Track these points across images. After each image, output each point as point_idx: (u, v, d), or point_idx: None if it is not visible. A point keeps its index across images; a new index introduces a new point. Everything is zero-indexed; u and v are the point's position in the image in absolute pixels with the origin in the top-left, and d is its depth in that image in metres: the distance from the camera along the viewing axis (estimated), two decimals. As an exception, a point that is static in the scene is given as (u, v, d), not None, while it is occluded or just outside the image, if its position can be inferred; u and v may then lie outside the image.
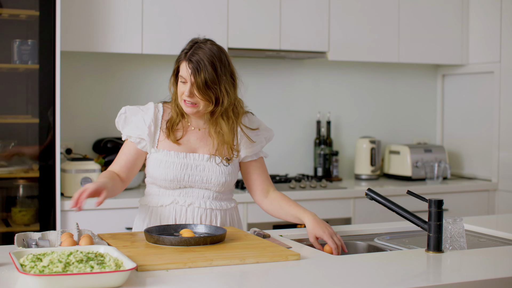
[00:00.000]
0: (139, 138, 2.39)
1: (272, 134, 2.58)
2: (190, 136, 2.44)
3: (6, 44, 3.48)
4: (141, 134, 2.39)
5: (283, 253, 2.01)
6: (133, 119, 2.41)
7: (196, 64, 2.29)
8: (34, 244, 2.06)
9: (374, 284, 1.80)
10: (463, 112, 4.73)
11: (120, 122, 2.43)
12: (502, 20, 4.36)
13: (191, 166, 2.39)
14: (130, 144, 2.42)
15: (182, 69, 2.32)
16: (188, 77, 2.30)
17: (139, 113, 2.42)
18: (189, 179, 2.39)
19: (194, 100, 2.32)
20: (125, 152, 2.42)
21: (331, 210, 3.96)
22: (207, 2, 3.90)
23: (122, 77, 4.07)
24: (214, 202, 2.44)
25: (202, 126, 2.45)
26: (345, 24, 4.25)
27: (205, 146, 2.43)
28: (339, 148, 4.65)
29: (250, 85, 4.39)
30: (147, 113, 2.42)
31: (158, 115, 2.43)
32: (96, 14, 3.67)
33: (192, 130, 2.44)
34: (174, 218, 2.41)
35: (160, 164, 2.38)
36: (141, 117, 2.41)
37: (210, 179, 2.40)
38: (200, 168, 2.40)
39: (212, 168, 2.41)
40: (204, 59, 2.30)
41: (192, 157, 2.40)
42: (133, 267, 1.70)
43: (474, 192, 4.38)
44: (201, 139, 2.44)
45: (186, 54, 2.33)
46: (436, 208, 2.11)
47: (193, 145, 2.43)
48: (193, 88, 2.30)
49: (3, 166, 3.48)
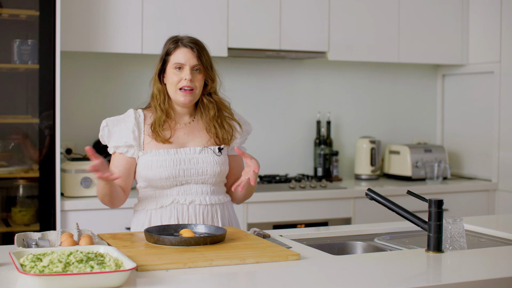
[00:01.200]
0: (126, 146, 2.41)
1: (251, 128, 2.64)
2: (178, 133, 2.46)
3: (6, 44, 3.48)
4: (128, 141, 2.40)
5: (283, 253, 2.01)
6: (116, 129, 2.44)
7: (198, 46, 2.43)
8: (34, 244, 2.06)
9: (374, 284, 1.80)
10: (463, 112, 4.73)
11: (104, 135, 2.45)
12: (502, 20, 4.36)
13: (184, 160, 2.40)
14: (119, 156, 2.43)
15: (178, 56, 2.41)
16: (188, 60, 2.39)
17: (121, 123, 2.44)
18: (184, 174, 2.39)
19: (193, 85, 2.40)
20: (116, 165, 2.43)
21: (331, 210, 3.96)
22: (207, 2, 3.90)
23: (122, 77, 4.07)
24: (213, 197, 2.45)
25: (187, 120, 2.48)
26: (345, 24, 4.25)
27: (194, 140, 2.46)
28: (339, 148, 4.65)
29: (250, 85, 4.41)
30: (128, 120, 2.44)
31: (140, 120, 2.45)
32: (96, 14, 3.67)
33: (179, 127, 2.47)
34: (176, 218, 2.41)
35: (152, 165, 2.39)
36: (123, 125, 2.43)
37: (205, 170, 2.42)
38: (194, 161, 2.41)
39: (206, 159, 2.43)
40: (198, 42, 2.46)
41: (184, 152, 2.42)
42: (133, 267, 1.70)
43: (474, 192, 4.38)
44: (189, 134, 2.47)
45: (178, 43, 2.43)
46: (436, 208, 2.11)
47: (182, 140, 2.45)
48: (193, 70, 2.40)
49: (3, 166, 3.48)
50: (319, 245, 2.34)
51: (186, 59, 2.40)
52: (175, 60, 2.41)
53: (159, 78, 2.48)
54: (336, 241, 2.48)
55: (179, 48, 2.42)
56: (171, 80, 2.42)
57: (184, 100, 2.41)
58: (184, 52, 2.41)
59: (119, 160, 2.43)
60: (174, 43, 2.44)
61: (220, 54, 3.89)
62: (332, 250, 2.37)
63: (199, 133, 2.48)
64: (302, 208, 3.89)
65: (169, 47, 2.44)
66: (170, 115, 2.47)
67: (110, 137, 2.43)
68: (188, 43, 2.43)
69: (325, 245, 2.41)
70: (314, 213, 3.92)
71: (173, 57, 2.42)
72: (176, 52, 2.42)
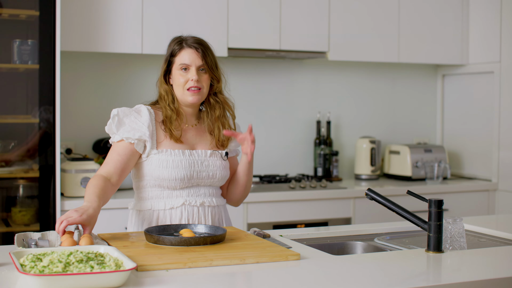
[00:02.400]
0: (138, 139, 2.35)
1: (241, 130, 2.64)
2: (187, 134, 2.45)
3: (6, 44, 3.48)
4: (142, 136, 2.35)
5: (283, 253, 2.01)
6: (127, 120, 2.39)
7: (203, 46, 2.42)
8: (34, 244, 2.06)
9: (374, 284, 1.80)
10: (463, 112, 4.73)
11: (114, 123, 2.38)
12: (502, 20, 4.36)
13: (197, 162, 2.40)
14: (125, 145, 2.36)
15: (183, 57, 2.40)
16: (194, 61, 2.39)
17: (132, 114, 2.40)
18: (197, 176, 2.40)
19: (199, 85, 2.39)
20: (120, 153, 2.35)
21: (331, 210, 3.96)
22: (207, 2, 3.90)
23: (122, 77, 4.07)
24: (218, 199, 2.48)
25: (194, 122, 2.49)
26: (345, 24, 4.25)
27: (202, 142, 2.47)
28: (339, 148, 4.65)
29: (250, 85, 4.40)
30: (142, 115, 2.40)
31: (152, 117, 2.42)
32: (96, 14, 3.67)
33: (187, 128, 2.46)
34: (187, 219, 2.40)
35: (167, 164, 2.36)
36: (134, 118, 2.39)
37: (215, 174, 2.43)
38: (206, 163, 2.42)
39: (215, 163, 2.44)
40: (203, 42, 2.45)
41: (197, 154, 2.42)
42: (133, 267, 1.70)
43: (474, 192, 4.38)
44: (196, 135, 2.47)
45: (182, 44, 2.42)
46: (436, 208, 2.11)
47: (192, 142, 2.45)
48: (199, 70, 2.40)
49: (3, 166, 3.48)
50: (319, 245, 2.34)
51: (192, 59, 2.40)
52: (180, 61, 2.40)
53: (165, 79, 2.47)
54: (336, 241, 2.48)
55: (184, 49, 2.41)
56: (177, 81, 2.41)
57: (193, 99, 2.40)
58: (189, 53, 2.40)
59: (124, 149, 2.35)
60: (178, 44, 2.43)
61: (220, 54, 3.89)
62: (332, 250, 2.37)
63: (205, 135, 2.48)
64: (302, 208, 3.89)
65: (173, 48, 2.44)
66: (180, 114, 2.45)
67: (120, 126, 2.37)
68: (192, 43, 2.42)
69: (325, 245, 2.41)
70: (314, 213, 3.92)
71: (178, 58, 2.42)
72: (181, 53, 2.41)
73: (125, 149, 2.36)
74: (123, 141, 2.37)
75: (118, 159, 2.34)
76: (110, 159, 2.36)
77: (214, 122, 2.48)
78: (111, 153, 2.37)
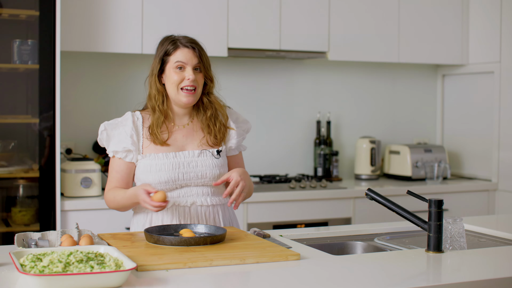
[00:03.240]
0: (124, 151, 2.40)
1: (250, 126, 2.64)
2: (176, 136, 2.45)
3: (6, 44, 3.48)
4: (126, 146, 2.40)
5: (283, 253, 2.01)
6: (114, 133, 2.43)
7: (198, 46, 2.44)
8: (33, 244, 2.06)
9: (374, 284, 1.80)
10: (463, 112, 4.73)
11: (103, 139, 2.44)
12: (502, 20, 4.36)
13: (183, 164, 2.40)
14: (118, 161, 2.43)
15: (179, 56, 2.40)
16: (190, 60, 2.40)
17: (119, 126, 2.44)
18: (184, 178, 2.39)
19: (195, 84, 2.40)
20: (117, 170, 2.43)
21: (331, 210, 3.96)
22: (207, 2, 3.90)
23: (122, 77, 4.07)
24: (213, 198, 2.45)
25: (185, 122, 2.48)
26: (345, 24, 4.25)
27: (192, 142, 2.46)
28: (339, 148, 4.65)
29: (251, 85, 4.40)
30: (126, 124, 2.43)
31: (138, 123, 2.44)
32: (96, 14, 3.67)
33: (177, 129, 2.46)
34: (178, 220, 2.40)
35: (151, 169, 2.38)
36: (121, 129, 2.43)
37: (205, 173, 2.41)
38: (193, 164, 2.41)
39: (205, 162, 2.43)
40: (197, 42, 2.47)
41: (183, 155, 2.41)
42: (133, 267, 1.70)
43: (474, 192, 4.38)
44: (187, 136, 2.46)
45: (177, 43, 2.43)
46: (436, 208, 2.11)
47: (181, 143, 2.45)
48: (194, 70, 2.41)
49: (3, 166, 3.48)
50: (319, 245, 2.34)
51: (188, 58, 2.40)
52: (176, 59, 2.41)
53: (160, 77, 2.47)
54: (336, 241, 2.48)
55: (179, 48, 2.42)
56: (172, 79, 2.41)
57: (187, 100, 2.41)
58: (185, 52, 2.41)
59: (119, 164, 2.43)
60: (172, 43, 2.44)
61: (220, 54, 3.89)
62: (332, 250, 2.37)
63: (197, 135, 2.48)
64: (302, 208, 3.89)
65: (168, 48, 2.43)
66: (168, 116, 2.46)
67: (109, 141, 2.43)
68: (187, 43, 2.43)
69: (325, 245, 2.41)
70: (314, 213, 3.92)
71: (173, 57, 2.42)
72: (177, 52, 2.41)
73: (120, 165, 2.44)
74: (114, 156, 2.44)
75: (117, 176, 2.43)
76: (111, 178, 2.45)
77: (205, 121, 2.48)
78: (110, 171, 2.46)
